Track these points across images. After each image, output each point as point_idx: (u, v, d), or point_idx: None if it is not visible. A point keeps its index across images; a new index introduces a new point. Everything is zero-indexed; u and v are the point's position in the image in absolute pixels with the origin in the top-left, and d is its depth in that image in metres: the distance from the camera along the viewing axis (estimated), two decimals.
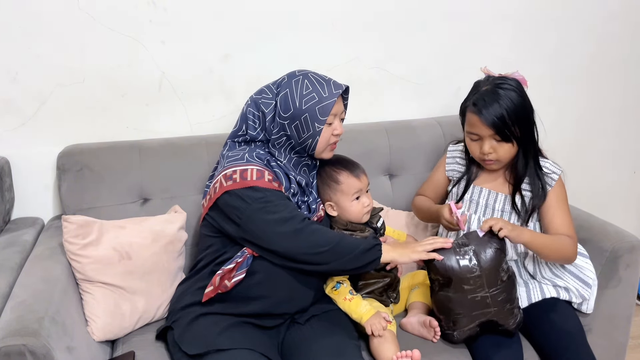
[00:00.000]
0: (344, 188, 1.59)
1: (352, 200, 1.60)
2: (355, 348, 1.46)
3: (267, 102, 1.52)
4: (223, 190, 1.45)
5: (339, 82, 1.52)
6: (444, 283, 1.48)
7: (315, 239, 1.41)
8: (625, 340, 1.81)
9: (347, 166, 1.61)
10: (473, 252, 1.48)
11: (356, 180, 1.60)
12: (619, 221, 1.89)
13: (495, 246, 1.49)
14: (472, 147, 1.64)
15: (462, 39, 2.17)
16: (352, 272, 1.51)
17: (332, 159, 1.63)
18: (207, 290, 1.45)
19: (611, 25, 2.34)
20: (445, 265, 1.46)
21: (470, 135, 1.62)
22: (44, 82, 1.78)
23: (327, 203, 1.62)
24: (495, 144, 1.58)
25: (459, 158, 1.78)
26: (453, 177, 1.78)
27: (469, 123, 1.61)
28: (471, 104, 1.59)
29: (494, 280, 1.47)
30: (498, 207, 1.68)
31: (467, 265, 1.46)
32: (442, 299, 1.50)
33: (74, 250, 1.51)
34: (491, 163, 1.63)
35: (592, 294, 1.67)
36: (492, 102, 1.55)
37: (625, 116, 2.52)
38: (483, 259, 1.47)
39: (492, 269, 1.46)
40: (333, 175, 1.60)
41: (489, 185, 1.71)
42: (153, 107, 1.90)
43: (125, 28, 1.80)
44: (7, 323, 1.24)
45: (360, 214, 1.61)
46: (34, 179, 1.84)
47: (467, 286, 1.46)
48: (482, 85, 1.62)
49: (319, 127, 1.47)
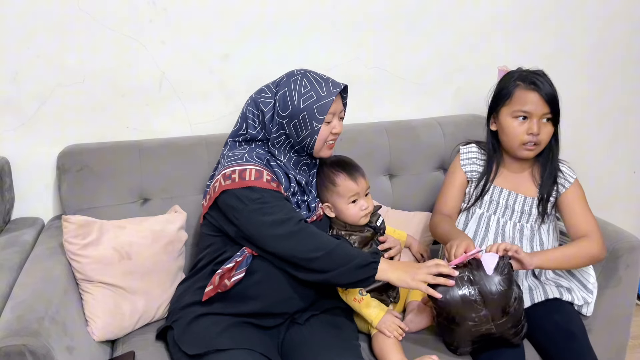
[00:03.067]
0: (340, 190, 1.58)
1: (349, 203, 1.59)
2: (355, 348, 1.46)
3: (266, 101, 1.52)
4: (222, 190, 1.46)
5: (338, 81, 1.52)
6: (447, 317, 1.43)
7: (310, 243, 1.41)
8: (625, 340, 1.81)
9: (346, 168, 1.60)
10: (479, 290, 1.40)
11: (353, 183, 1.58)
12: (619, 221, 1.89)
13: (502, 286, 1.40)
14: (517, 130, 1.59)
15: (462, 39, 2.17)
16: (345, 286, 1.49)
17: (332, 160, 1.63)
18: (207, 290, 1.45)
19: (611, 25, 2.34)
20: (449, 303, 1.40)
21: (517, 113, 1.58)
22: (44, 82, 1.78)
23: (325, 204, 1.61)
24: (541, 125, 1.58)
25: (476, 158, 1.74)
26: (472, 178, 1.72)
27: (521, 101, 1.58)
28: (527, 82, 1.58)
29: (500, 315, 1.42)
30: (518, 209, 1.66)
31: (473, 305, 1.40)
32: (444, 328, 1.48)
33: (74, 250, 1.51)
34: (532, 148, 1.60)
35: (592, 298, 1.67)
36: (544, 81, 1.58)
37: (625, 116, 2.52)
38: (490, 297, 1.40)
39: (498, 306, 1.41)
40: (330, 177, 1.59)
41: (509, 185, 1.68)
42: (153, 107, 1.90)
43: (125, 28, 1.80)
44: (7, 323, 1.24)
45: (357, 217, 1.60)
46: (34, 179, 1.84)
47: (471, 322, 1.41)
48: (516, 73, 1.62)
49: (317, 125, 1.47)
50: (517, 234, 1.66)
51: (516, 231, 1.66)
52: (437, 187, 2.05)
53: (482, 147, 1.74)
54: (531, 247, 1.66)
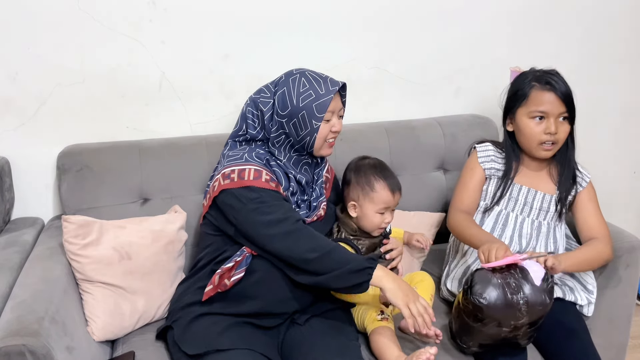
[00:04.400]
0: (375, 197, 1.58)
1: (377, 212, 1.59)
2: (355, 348, 1.46)
3: (265, 101, 1.52)
4: (221, 189, 1.46)
5: (336, 79, 1.52)
6: (479, 318, 1.39)
7: (306, 244, 1.40)
8: (625, 340, 1.81)
9: (388, 178, 1.60)
10: (527, 299, 1.36)
11: (390, 194, 1.58)
12: (619, 221, 1.89)
13: (547, 298, 1.37)
14: (535, 130, 1.60)
15: (462, 39, 2.17)
16: (338, 290, 1.48)
17: (376, 163, 1.63)
18: (207, 289, 1.45)
19: (611, 25, 2.34)
20: (494, 306, 1.35)
21: (534, 114, 1.59)
22: (44, 82, 1.78)
23: (352, 202, 1.61)
24: (558, 124, 1.59)
25: (494, 156, 1.72)
26: (491, 176, 1.71)
27: (537, 102, 1.59)
28: (542, 82, 1.59)
29: (534, 324, 1.40)
30: (536, 206, 1.67)
31: (516, 313, 1.35)
32: (466, 327, 1.44)
33: (74, 250, 1.51)
34: (550, 148, 1.61)
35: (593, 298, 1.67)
36: (559, 81, 1.59)
37: (625, 116, 2.52)
38: (535, 308, 1.36)
39: (538, 316, 1.39)
40: (371, 181, 1.59)
41: (528, 183, 1.69)
42: (153, 107, 1.90)
43: (125, 28, 1.80)
44: (7, 323, 1.24)
45: (376, 227, 1.60)
46: (34, 179, 1.84)
47: (506, 328, 1.38)
48: (530, 74, 1.63)
49: (316, 124, 1.48)
50: (535, 231, 1.67)
51: (534, 228, 1.67)
52: (438, 187, 2.06)
53: (497, 146, 1.74)
54: (546, 244, 1.67)
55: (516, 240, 1.66)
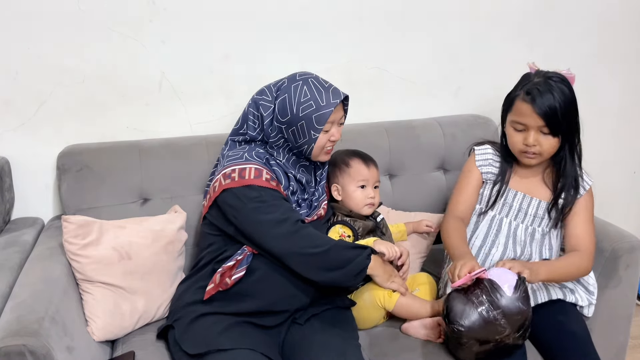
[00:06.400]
0: (351, 172, 1.66)
1: (357, 186, 1.65)
2: (356, 347, 1.46)
3: (266, 104, 1.53)
4: (222, 189, 1.46)
5: (340, 89, 1.52)
6: (461, 342, 1.39)
7: (306, 243, 1.42)
8: (625, 340, 1.81)
9: (361, 155, 1.71)
10: (502, 312, 1.35)
11: (365, 168, 1.67)
12: (619, 221, 1.89)
13: (523, 305, 1.36)
14: (514, 139, 1.59)
15: (462, 39, 2.17)
16: (338, 290, 1.51)
17: (350, 149, 1.72)
18: (208, 288, 1.46)
19: (611, 25, 2.34)
20: (472, 328, 1.35)
21: (515, 125, 1.57)
22: (44, 82, 1.78)
23: (334, 185, 1.68)
24: (541, 137, 1.55)
25: (492, 160, 1.70)
26: (488, 179, 1.70)
27: (518, 112, 1.56)
28: (523, 93, 1.54)
29: (518, 330, 1.39)
30: (531, 212, 1.65)
31: (497, 327, 1.35)
32: (455, 347, 1.45)
33: (73, 250, 1.51)
34: (532, 157, 1.58)
35: (594, 299, 1.67)
36: (545, 92, 1.52)
37: (625, 116, 2.52)
38: (513, 318, 1.36)
39: (520, 323, 1.37)
40: (345, 159, 1.69)
41: (523, 188, 1.67)
42: (153, 107, 1.90)
43: (125, 28, 1.80)
44: (7, 323, 1.24)
45: (361, 203, 1.65)
46: (34, 179, 1.85)
47: (493, 342, 1.38)
48: (533, 77, 1.58)
49: (314, 135, 1.48)
50: (528, 237, 1.65)
51: (527, 235, 1.65)
52: (438, 187, 2.06)
53: (496, 149, 1.72)
54: (540, 251, 1.65)
55: (510, 246, 1.64)
